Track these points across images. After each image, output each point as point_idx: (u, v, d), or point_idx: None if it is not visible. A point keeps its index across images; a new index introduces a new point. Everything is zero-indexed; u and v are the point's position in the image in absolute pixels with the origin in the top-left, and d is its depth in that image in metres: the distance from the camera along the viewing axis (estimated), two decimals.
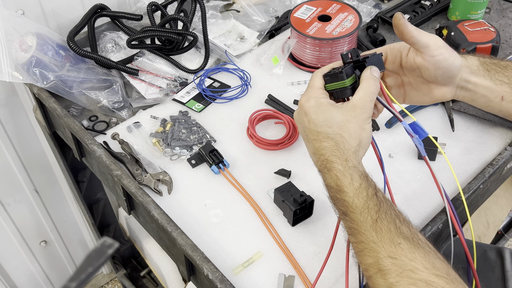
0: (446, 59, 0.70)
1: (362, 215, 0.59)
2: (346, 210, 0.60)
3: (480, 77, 0.75)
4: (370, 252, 0.57)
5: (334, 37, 0.99)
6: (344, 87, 0.65)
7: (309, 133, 0.65)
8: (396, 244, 0.56)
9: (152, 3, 1.02)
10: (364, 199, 0.59)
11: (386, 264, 0.55)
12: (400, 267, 0.54)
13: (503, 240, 1.64)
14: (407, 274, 0.54)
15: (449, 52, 0.70)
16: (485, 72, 0.75)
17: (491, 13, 1.19)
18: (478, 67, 0.75)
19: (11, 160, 1.22)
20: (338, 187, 0.61)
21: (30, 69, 0.91)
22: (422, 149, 0.66)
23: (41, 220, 1.40)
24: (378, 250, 0.56)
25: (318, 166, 0.64)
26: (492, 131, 0.89)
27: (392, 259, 0.55)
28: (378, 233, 0.57)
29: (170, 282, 1.26)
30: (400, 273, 0.54)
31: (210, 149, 0.85)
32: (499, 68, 0.76)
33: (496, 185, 0.90)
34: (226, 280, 0.64)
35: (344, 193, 0.60)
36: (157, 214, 0.72)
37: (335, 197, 0.61)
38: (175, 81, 1.02)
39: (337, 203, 0.61)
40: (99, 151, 0.82)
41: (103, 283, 1.77)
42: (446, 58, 0.70)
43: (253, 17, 1.16)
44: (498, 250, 0.98)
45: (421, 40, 0.69)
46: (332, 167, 0.61)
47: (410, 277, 0.54)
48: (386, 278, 0.54)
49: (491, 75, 0.75)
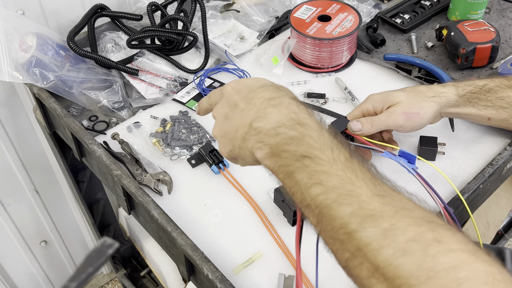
0: (412, 128, 0.77)
1: (334, 152, 0.46)
2: (308, 149, 0.46)
3: (461, 107, 0.80)
4: (348, 197, 0.43)
5: (334, 37, 0.99)
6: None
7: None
8: (377, 184, 0.45)
9: (152, 3, 1.02)
10: (332, 136, 0.48)
11: (373, 206, 0.42)
12: (393, 206, 0.42)
13: (503, 240, 1.64)
14: (404, 213, 0.42)
15: (413, 121, 0.76)
16: (466, 103, 0.80)
17: (491, 13, 1.19)
18: (457, 101, 0.79)
19: (11, 160, 1.22)
20: (295, 120, 0.49)
21: (30, 69, 0.91)
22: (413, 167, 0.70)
23: (41, 220, 1.40)
24: (359, 191, 0.43)
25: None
26: (492, 131, 0.89)
27: (379, 197, 0.43)
28: (354, 172, 0.45)
29: (170, 282, 1.26)
30: (395, 213, 0.42)
31: (210, 149, 0.85)
32: (482, 95, 0.81)
33: (496, 185, 0.90)
34: (226, 280, 0.64)
35: (306, 126, 0.48)
36: (157, 214, 0.72)
37: (289, 137, 0.47)
38: (175, 81, 1.02)
39: (292, 145, 0.47)
40: (99, 151, 0.83)
41: (103, 283, 1.77)
42: (411, 127, 0.77)
43: (253, 17, 1.16)
44: (498, 250, 0.98)
45: (381, 128, 0.76)
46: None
47: (409, 216, 0.42)
48: (378, 223, 0.41)
49: (473, 103, 0.81)
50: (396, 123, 0.75)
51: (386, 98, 0.77)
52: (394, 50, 1.11)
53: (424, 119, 0.76)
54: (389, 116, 0.75)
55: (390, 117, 0.75)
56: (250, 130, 0.51)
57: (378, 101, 0.78)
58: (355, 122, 0.75)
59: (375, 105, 0.78)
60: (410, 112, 0.75)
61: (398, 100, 0.76)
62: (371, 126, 0.74)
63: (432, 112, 0.76)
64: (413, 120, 0.75)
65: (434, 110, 0.76)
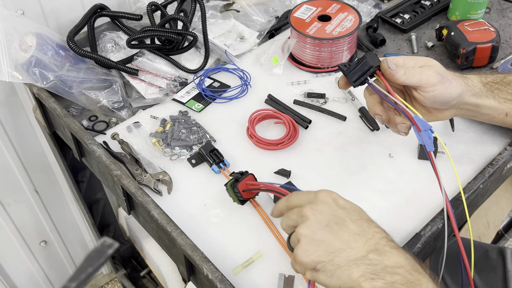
0: (442, 94, 0.70)
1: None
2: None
3: (483, 98, 0.75)
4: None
5: (334, 37, 0.99)
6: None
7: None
8: None
9: (152, 3, 1.02)
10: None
11: None
12: None
13: (503, 240, 1.64)
14: None
15: (445, 86, 0.70)
16: (489, 93, 0.76)
17: (491, 13, 1.19)
18: (480, 89, 0.75)
19: (10, 160, 1.22)
20: (413, 267, 0.53)
21: (30, 69, 0.91)
22: (430, 143, 0.65)
23: (41, 220, 1.40)
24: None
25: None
26: (492, 131, 0.89)
27: None
28: None
29: (170, 282, 1.26)
30: None
31: (210, 149, 0.85)
32: (502, 87, 0.76)
33: (496, 185, 0.90)
34: (226, 280, 0.64)
35: (422, 274, 0.53)
36: (157, 214, 0.72)
37: (408, 280, 0.52)
38: (175, 81, 1.01)
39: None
40: (99, 151, 0.82)
41: (103, 283, 1.77)
42: (441, 93, 0.70)
43: (253, 17, 1.16)
44: (499, 250, 0.98)
45: (412, 81, 0.69)
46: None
47: None
48: None
49: (495, 94, 0.76)
50: (429, 80, 0.69)
51: (420, 58, 0.72)
52: (394, 50, 1.11)
53: (454, 91, 0.71)
54: (424, 71, 0.70)
55: (425, 71, 0.69)
56: (364, 259, 0.52)
57: (411, 58, 0.72)
58: (390, 61, 0.69)
59: (406, 60, 0.72)
60: (445, 77, 0.70)
61: (432, 63, 0.72)
62: (404, 73, 0.69)
63: (460, 90, 0.71)
64: (445, 85, 0.70)
65: (461, 89, 0.72)
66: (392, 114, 0.74)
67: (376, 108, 0.74)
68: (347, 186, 0.82)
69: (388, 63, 0.69)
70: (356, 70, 0.71)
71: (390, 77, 0.69)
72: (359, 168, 0.84)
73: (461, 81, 0.73)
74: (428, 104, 0.73)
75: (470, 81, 0.74)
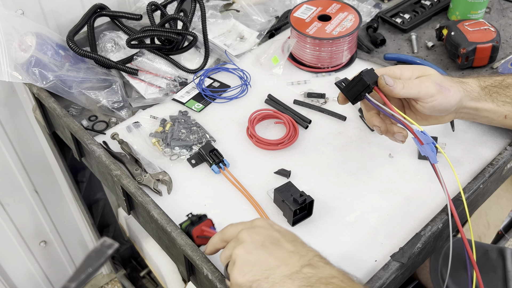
0: (441, 104, 0.71)
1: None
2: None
3: (482, 102, 0.75)
4: None
5: (334, 37, 0.99)
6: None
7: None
8: None
9: (152, 3, 1.01)
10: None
11: None
12: None
13: (503, 240, 1.64)
14: None
15: (444, 95, 0.70)
16: (487, 96, 0.76)
17: (491, 13, 1.19)
18: (479, 93, 0.75)
19: (10, 160, 1.22)
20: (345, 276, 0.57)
21: (30, 69, 0.91)
22: (434, 156, 0.66)
23: (41, 220, 1.40)
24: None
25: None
26: (492, 131, 0.89)
27: None
28: None
29: (170, 282, 1.26)
30: None
31: (210, 149, 0.85)
32: (501, 90, 0.77)
33: (496, 185, 0.90)
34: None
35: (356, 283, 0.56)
36: (157, 214, 0.72)
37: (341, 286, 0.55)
38: (175, 81, 1.01)
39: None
40: (99, 151, 0.82)
41: (103, 283, 1.77)
42: (440, 103, 0.71)
43: (253, 16, 1.16)
44: (499, 250, 0.98)
45: (411, 94, 0.70)
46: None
47: None
48: None
49: (493, 98, 0.76)
50: (427, 91, 0.69)
51: (416, 67, 0.72)
52: (394, 50, 1.10)
53: (453, 99, 0.71)
54: (422, 82, 0.70)
55: (423, 83, 0.70)
56: (299, 273, 0.54)
57: (408, 68, 0.72)
58: (388, 77, 0.69)
59: (404, 71, 0.72)
60: (443, 86, 0.70)
61: (430, 72, 0.72)
62: (402, 87, 0.69)
63: (458, 98, 0.72)
64: (444, 95, 0.70)
65: (460, 96, 0.72)
66: (389, 123, 0.75)
67: (374, 119, 0.74)
68: (347, 186, 0.82)
69: (385, 79, 0.69)
70: (354, 89, 0.72)
71: (389, 93, 0.70)
72: (359, 168, 0.84)
73: (459, 87, 0.73)
74: (428, 113, 0.73)
75: (468, 86, 0.75)
